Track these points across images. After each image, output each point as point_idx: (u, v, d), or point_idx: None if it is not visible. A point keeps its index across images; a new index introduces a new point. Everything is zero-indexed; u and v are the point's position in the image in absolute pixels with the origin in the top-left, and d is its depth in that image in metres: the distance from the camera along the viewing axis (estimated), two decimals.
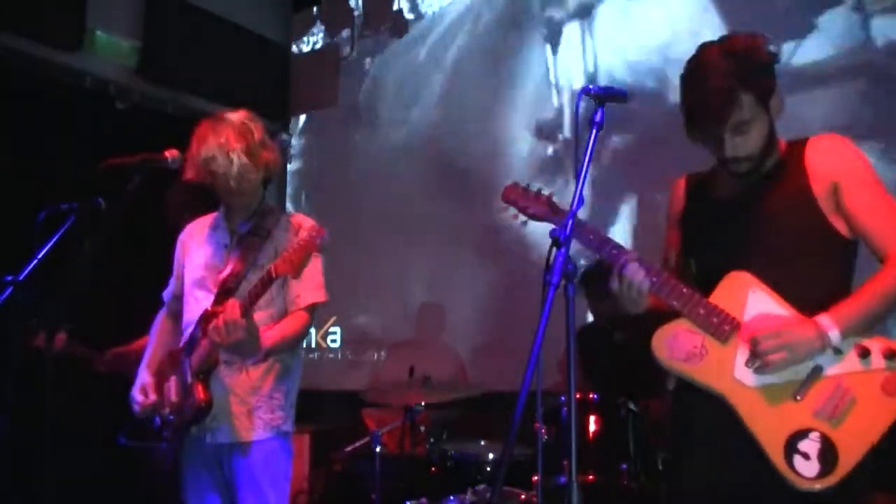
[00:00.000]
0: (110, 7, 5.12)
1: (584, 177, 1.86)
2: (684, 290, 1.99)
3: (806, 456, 1.82)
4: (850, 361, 1.87)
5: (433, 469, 3.98)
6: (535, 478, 3.22)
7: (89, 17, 4.91)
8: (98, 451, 3.59)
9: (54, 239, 2.51)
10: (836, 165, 2.00)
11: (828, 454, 1.81)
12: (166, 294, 2.92)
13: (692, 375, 1.99)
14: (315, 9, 6.37)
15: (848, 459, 1.80)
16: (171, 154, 2.67)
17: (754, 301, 1.95)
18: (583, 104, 1.94)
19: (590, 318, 4.29)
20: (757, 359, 1.90)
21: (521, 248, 4.98)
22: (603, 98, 1.91)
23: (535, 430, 2.17)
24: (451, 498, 3.29)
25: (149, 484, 3.20)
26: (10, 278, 2.44)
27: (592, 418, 3.32)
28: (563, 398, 3.17)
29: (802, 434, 1.84)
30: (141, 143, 2.94)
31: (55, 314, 2.57)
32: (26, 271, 2.45)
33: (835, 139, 2.06)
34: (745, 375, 1.93)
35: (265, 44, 6.14)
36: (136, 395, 2.70)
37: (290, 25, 6.42)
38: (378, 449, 3.86)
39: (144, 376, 2.74)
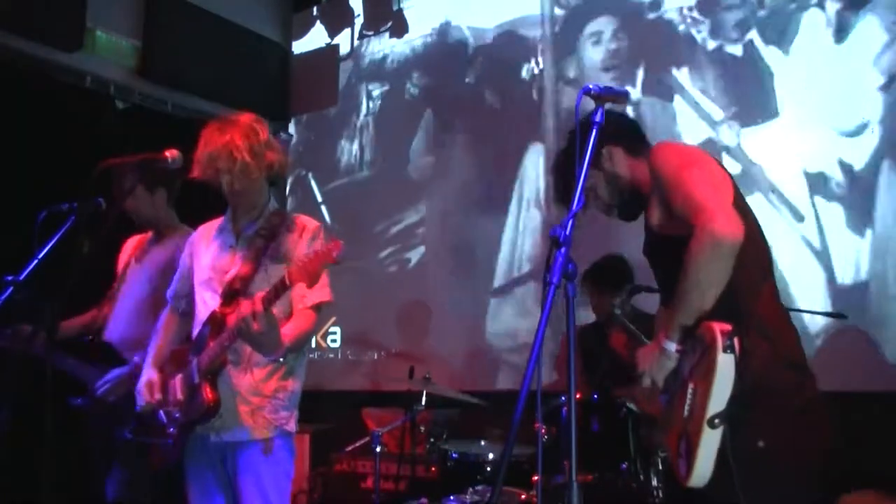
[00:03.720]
0: (110, 7, 5.12)
1: (585, 177, 1.85)
2: (635, 337, 2.29)
3: (681, 456, 1.91)
4: (690, 358, 1.95)
5: (433, 469, 3.98)
6: (535, 478, 3.22)
7: (89, 17, 4.90)
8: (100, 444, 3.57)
9: (54, 239, 2.52)
10: (654, 180, 2.12)
11: (689, 450, 1.88)
12: (169, 292, 2.94)
13: (643, 409, 2.30)
14: (315, 9, 6.36)
15: (692, 450, 1.85)
16: (171, 154, 2.68)
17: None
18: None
19: (590, 317, 4.28)
20: None
21: (522, 248, 4.99)
22: (603, 98, 1.91)
23: (535, 430, 2.17)
24: (451, 498, 3.28)
25: (153, 480, 3.20)
26: (10, 278, 2.44)
27: (592, 418, 3.31)
28: (563, 398, 3.17)
29: (680, 438, 1.93)
30: (141, 143, 2.94)
31: (53, 314, 2.56)
32: (26, 271, 2.45)
33: (650, 152, 2.18)
34: (662, 399, 2.07)
35: (265, 44, 6.14)
36: (143, 390, 2.71)
37: (290, 25, 6.41)
38: (378, 449, 3.86)
39: (151, 373, 2.75)
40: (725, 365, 1.82)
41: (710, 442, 1.82)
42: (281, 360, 2.65)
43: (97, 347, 3.24)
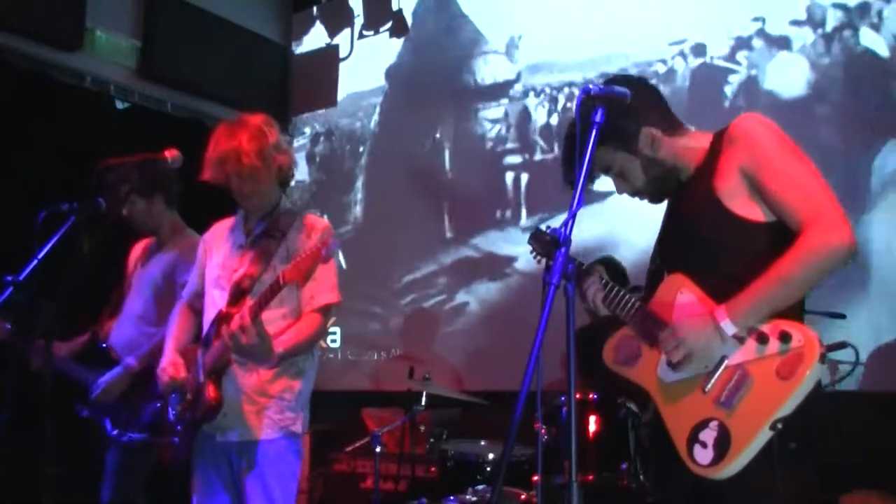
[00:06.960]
0: (110, 7, 5.11)
1: (585, 177, 1.85)
2: (628, 300, 2.14)
3: (704, 444, 1.86)
4: (749, 348, 1.87)
5: (433, 469, 3.98)
6: (535, 478, 3.22)
7: (89, 17, 4.90)
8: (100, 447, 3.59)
9: (54, 239, 2.52)
10: (742, 151, 1.98)
11: (722, 441, 1.83)
12: (185, 291, 2.95)
13: (628, 376, 2.13)
14: (315, 9, 6.36)
15: (738, 445, 1.81)
16: (170, 154, 2.68)
17: (681, 301, 2.02)
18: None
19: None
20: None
21: (520, 248, 4.99)
22: (604, 98, 1.91)
23: (535, 430, 2.17)
24: (451, 498, 3.28)
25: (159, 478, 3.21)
26: (10, 278, 2.45)
27: (592, 418, 3.31)
28: (563, 398, 3.17)
29: (704, 424, 1.88)
30: (141, 143, 2.94)
31: (52, 315, 2.56)
32: (26, 271, 2.45)
33: (740, 122, 2.03)
34: (665, 373, 2.01)
35: (265, 44, 6.14)
36: (168, 367, 2.68)
37: (290, 25, 6.41)
38: (378, 449, 3.86)
39: (174, 356, 2.73)
40: (814, 375, 1.79)
41: (761, 440, 1.79)
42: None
43: (99, 352, 3.26)
